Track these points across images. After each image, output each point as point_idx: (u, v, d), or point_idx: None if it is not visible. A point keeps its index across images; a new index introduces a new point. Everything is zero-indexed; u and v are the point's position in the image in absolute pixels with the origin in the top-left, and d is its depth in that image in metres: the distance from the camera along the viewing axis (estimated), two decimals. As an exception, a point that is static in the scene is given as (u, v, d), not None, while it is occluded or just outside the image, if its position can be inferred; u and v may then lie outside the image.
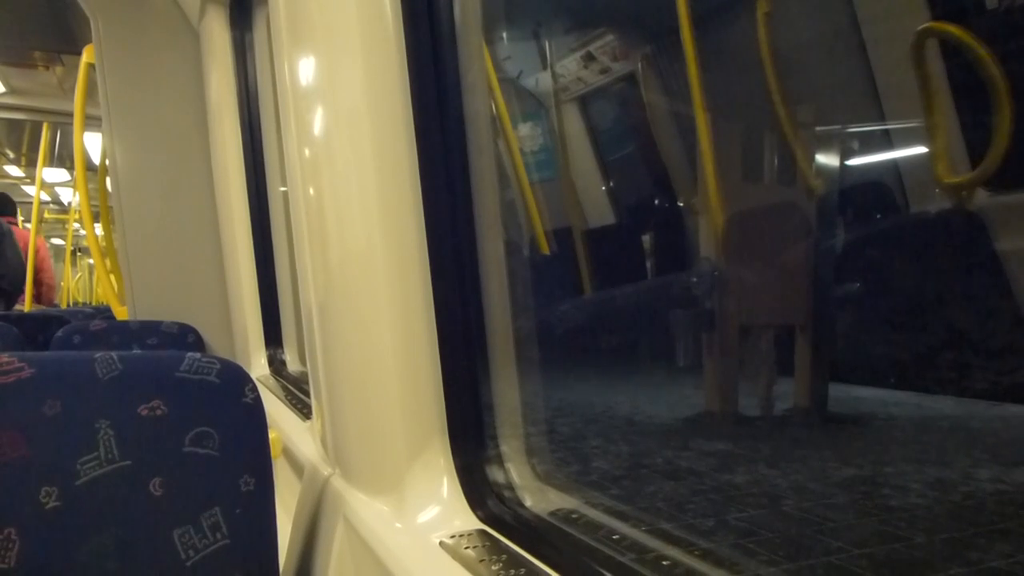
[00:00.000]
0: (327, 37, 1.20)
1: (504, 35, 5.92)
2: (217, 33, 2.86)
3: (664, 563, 0.98)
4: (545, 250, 4.97)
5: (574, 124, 6.15)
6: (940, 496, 2.12)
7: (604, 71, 5.62)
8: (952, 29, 2.39)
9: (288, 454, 1.84)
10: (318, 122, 1.24)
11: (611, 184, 6.10)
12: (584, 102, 6.06)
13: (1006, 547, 1.77)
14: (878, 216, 3.43)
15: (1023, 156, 2.31)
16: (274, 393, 2.45)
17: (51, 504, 1.06)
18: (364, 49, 1.13)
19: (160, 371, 1.16)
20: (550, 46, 6.02)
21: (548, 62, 6.06)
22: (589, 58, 5.59)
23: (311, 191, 1.29)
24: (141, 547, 1.10)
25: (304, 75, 1.27)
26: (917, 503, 2.08)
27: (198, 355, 1.19)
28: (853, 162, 3.36)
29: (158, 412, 1.13)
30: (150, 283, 3.07)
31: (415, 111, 1.13)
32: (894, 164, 3.23)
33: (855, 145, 3.32)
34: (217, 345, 3.03)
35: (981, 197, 2.67)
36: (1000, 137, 2.20)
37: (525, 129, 6.20)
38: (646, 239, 5.39)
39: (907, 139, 3.11)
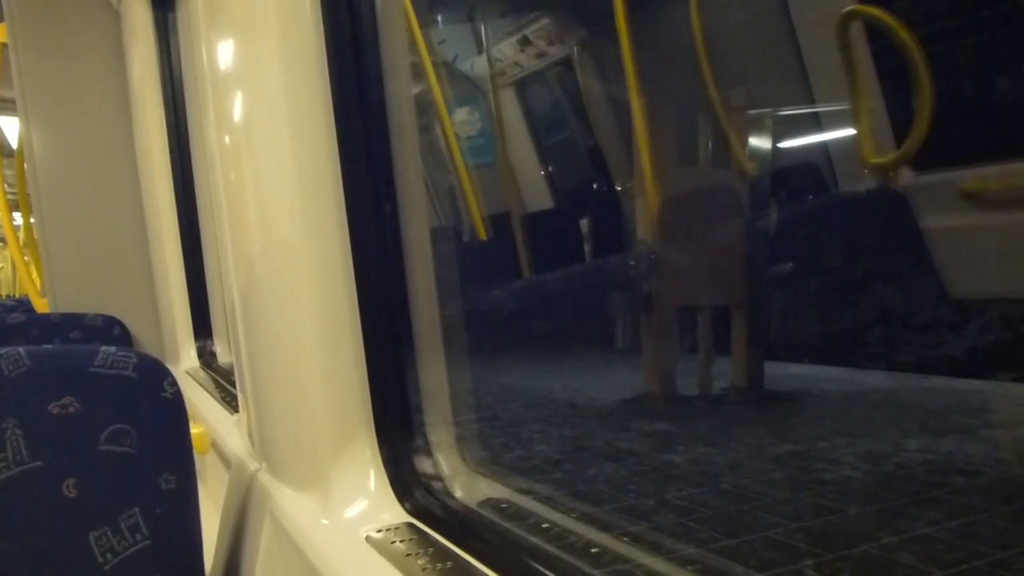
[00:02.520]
0: (245, 20, 1.16)
1: (439, 18, 5.87)
2: (138, 13, 2.76)
3: (593, 551, 0.98)
4: (483, 235, 4.96)
5: (511, 109, 6.12)
6: (872, 468, 2.17)
7: (540, 55, 5.60)
8: (875, 12, 2.43)
9: (217, 449, 1.80)
10: (237, 108, 1.20)
11: (549, 169, 6.10)
12: (521, 86, 6.04)
13: (934, 514, 1.82)
14: (809, 197, 3.48)
15: (944, 137, 2.37)
16: (203, 386, 2.39)
17: None
18: (281, 33, 1.10)
19: (72, 366, 1.11)
20: (486, 30, 5.99)
21: (484, 46, 6.02)
22: (525, 42, 5.57)
23: (231, 179, 1.26)
24: (55, 552, 1.06)
25: (222, 59, 1.23)
26: (850, 475, 2.12)
27: (113, 349, 1.14)
28: (784, 144, 3.41)
29: (71, 410, 1.09)
30: (72, 273, 2.95)
31: (335, 95, 1.10)
32: (823, 146, 3.29)
33: (786, 128, 3.37)
34: (144, 337, 2.95)
35: (906, 177, 2.72)
36: (921, 118, 2.25)
37: (462, 114, 6.16)
38: (584, 223, 5.41)
39: (836, 121, 3.17)
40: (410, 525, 1.04)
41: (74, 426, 1.09)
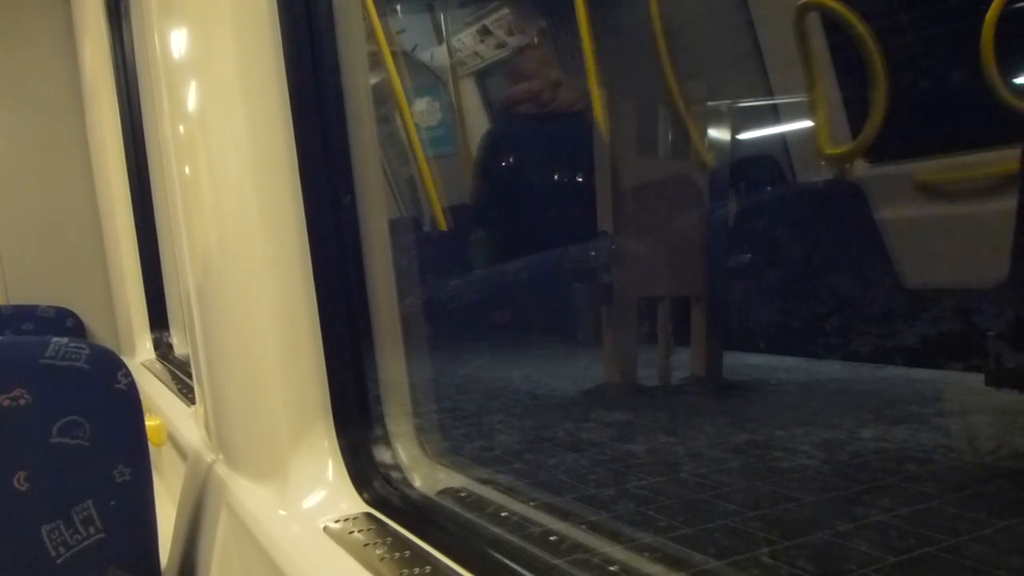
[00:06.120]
0: (198, 6, 1.15)
1: (398, 7, 5.82)
2: (89, -3, 2.71)
3: (551, 539, 0.98)
4: (443, 226, 4.94)
5: (472, 99, 6.10)
6: (828, 456, 2.19)
7: (500, 46, 5.58)
8: (832, 4, 2.45)
9: (173, 441, 1.78)
10: (191, 97, 1.19)
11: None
12: (481, 77, 6.01)
13: (888, 501, 1.85)
14: (767, 188, 3.51)
15: (899, 128, 2.40)
16: (159, 378, 2.36)
17: None
18: (236, 20, 1.08)
19: (22, 358, 1.09)
20: (445, 19, 5.95)
21: (444, 36, 5.99)
22: (485, 32, 5.55)
23: (186, 169, 1.24)
24: (6, 546, 1.04)
25: (175, 47, 1.21)
26: (807, 464, 2.14)
27: (65, 340, 1.12)
28: (743, 136, 3.43)
29: (21, 402, 1.07)
30: (24, 264, 2.89)
31: (291, 84, 1.08)
32: (781, 137, 3.31)
33: (745, 119, 3.39)
34: (99, 329, 2.90)
35: (861, 168, 2.75)
36: (877, 109, 2.28)
37: (422, 104, 6.12)
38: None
39: (793, 113, 3.19)
40: (368, 515, 1.03)
41: (25, 418, 1.07)
